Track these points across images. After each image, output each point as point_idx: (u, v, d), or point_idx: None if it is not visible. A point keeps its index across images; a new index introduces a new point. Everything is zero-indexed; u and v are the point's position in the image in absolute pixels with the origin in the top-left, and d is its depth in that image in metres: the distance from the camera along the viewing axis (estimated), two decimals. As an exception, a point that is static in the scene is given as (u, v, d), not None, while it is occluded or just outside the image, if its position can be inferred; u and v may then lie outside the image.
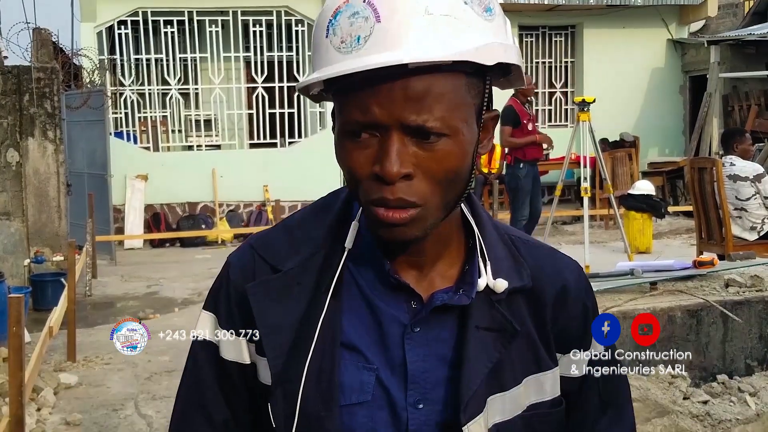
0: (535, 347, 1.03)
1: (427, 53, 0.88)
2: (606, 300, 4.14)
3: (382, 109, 0.89)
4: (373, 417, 0.98)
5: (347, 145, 0.93)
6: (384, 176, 0.90)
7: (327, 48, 0.91)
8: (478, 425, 0.97)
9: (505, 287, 1.00)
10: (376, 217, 0.93)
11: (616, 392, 1.12)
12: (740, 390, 4.07)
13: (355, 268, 1.01)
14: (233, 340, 1.03)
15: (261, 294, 1.00)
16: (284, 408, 0.98)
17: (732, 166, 6.46)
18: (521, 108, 7.92)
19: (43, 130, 7.64)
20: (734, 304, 4.26)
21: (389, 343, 0.99)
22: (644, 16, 13.84)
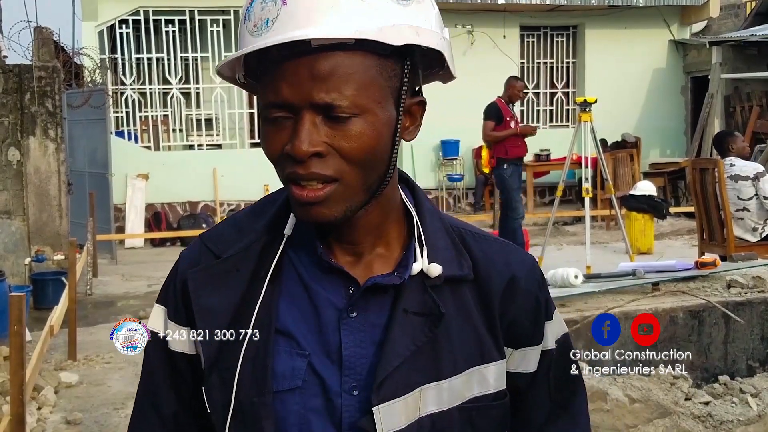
0: (480, 339, 1.02)
1: (329, 31, 0.90)
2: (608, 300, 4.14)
3: (291, 89, 0.91)
4: (305, 404, 0.98)
5: (266, 129, 0.95)
6: (294, 155, 0.92)
7: (243, 34, 0.95)
8: (393, 408, 0.96)
9: (439, 272, 1.00)
10: (293, 197, 0.95)
11: (568, 395, 1.10)
12: (742, 391, 4.07)
13: (296, 255, 1.01)
14: (179, 331, 1.03)
15: (199, 280, 1.01)
16: (220, 394, 0.98)
17: (732, 166, 6.45)
18: (505, 106, 7.93)
19: (44, 128, 7.63)
20: (736, 305, 4.26)
21: (325, 329, 0.99)
22: (646, 16, 13.83)
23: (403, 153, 13.43)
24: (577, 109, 8.28)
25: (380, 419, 0.95)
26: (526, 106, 13.98)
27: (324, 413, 0.97)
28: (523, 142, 7.99)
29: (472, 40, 13.31)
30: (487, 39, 13.26)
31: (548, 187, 13.27)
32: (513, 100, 8.05)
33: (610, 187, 8.07)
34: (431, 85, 1.02)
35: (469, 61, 13.10)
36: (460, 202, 13.53)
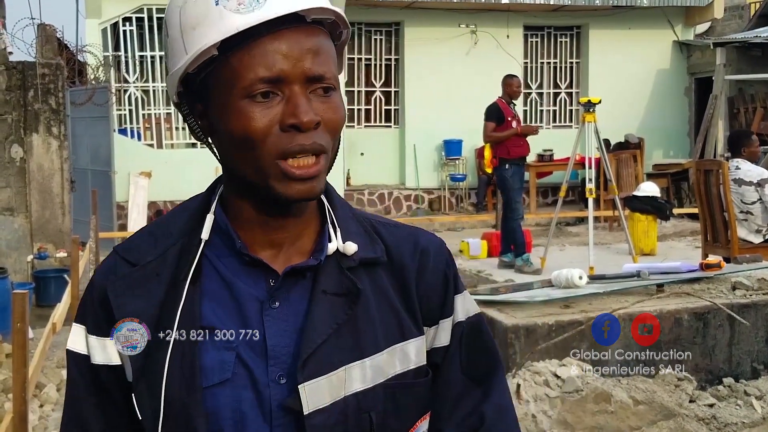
0: (398, 317, 1.05)
1: (327, 3, 0.97)
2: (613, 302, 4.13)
3: (287, 63, 0.94)
4: (236, 396, 0.99)
5: (246, 107, 0.95)
6: (301, 125, 0.94)
7: (220, 13, 0.94)
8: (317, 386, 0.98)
9: (354, 250, 1.04)
10: (288, 174, 0.96)
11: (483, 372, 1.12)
12: (746, 393, 4.06)
13: (214, 256, 1.03)
14: (101, 343, 1.04)
15: (120, 289, 1.02)
16: (150, 399, 0.99)
17: (737, 170, 6.44)
18: (506, 106, 7.92)
19: (47, 126, 7.63)
20: (741, 307, 4.24)
21: (249, 321, 1.00)
22: (650, 17, 13.82)
23: (406, 152, 13.42)
24: (580, 109, 8.27)
25: (306, 397, 0.97)
26: (529, 106, 13.96)
27: (255, 404, 0.99)
28: (525, 141, 7.98)
29: (476, 40, 13.30)
30: (491, 39, 13.24)
31: (551, 188, 13.26)
32: (513, 97, 8.04)
33: (614, 187, 8.06)
34: (434, 86, 1.01)
35: (473, 61, 13.09)
36: (462, 202, 13.52)
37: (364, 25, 13.49)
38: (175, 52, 0.99)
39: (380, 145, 13.55)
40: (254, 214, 1.03)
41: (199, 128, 1.03)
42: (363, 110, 13.72)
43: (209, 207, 1.06)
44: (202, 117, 1.02)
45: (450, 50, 13.05)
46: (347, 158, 12.68)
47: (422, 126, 13.20)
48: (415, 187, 13.33)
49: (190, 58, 0.96)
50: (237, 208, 1.04)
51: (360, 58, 13.60)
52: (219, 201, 1.06)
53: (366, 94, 13.72)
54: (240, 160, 0.99)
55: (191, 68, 0.97)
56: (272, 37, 0.94)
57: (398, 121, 13.75)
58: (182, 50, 0.98)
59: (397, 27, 13.63)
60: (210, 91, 0.99)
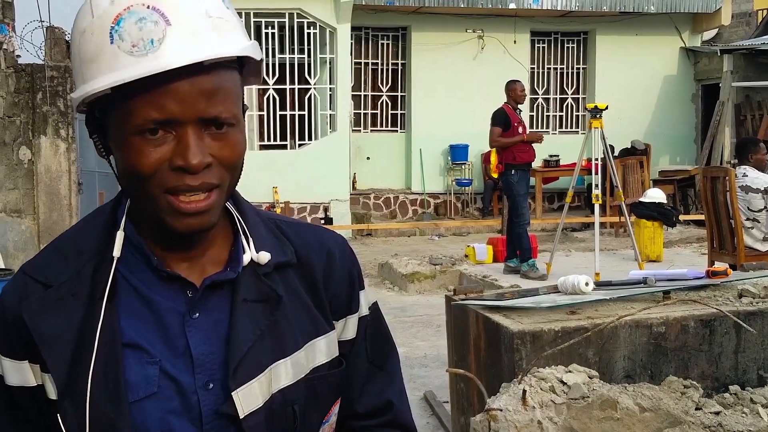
0: (311, 315, 1.10)
1: (224, 50, 0.96)
2: (619, 308, 4.12)
3: (180, 105, 0.95)
4: (164, 408, 1.01)
5: (137, 143, 0.96)
6: (189, 167, 0.95)
7: (115, 53, 0.94)
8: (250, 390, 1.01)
9: (268, 259, 1.07)
10: (175, 209, 0.97)
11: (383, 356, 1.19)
12: (753, 401, 4.04)
13: (129, 273, 1.04)
14: (16, 366, 1.03)
15: (36, 311, 1.02)
16: (75, 417, 0.99)
17: (744, 177, 6.43)
18: (512, 112, 7.94)
19: (55, 128, 7.67)
20: (747, 314, 4.23)
21: (170, 334, 1.02)
22: (657, 23, 13.81)
23: (413, 156, 13.44)
24: (587, 115, 8.27)
25: (240, 402, 1.01)
26: (535, 112, 13.97)
27: (183, 413, 1.01)
28: (531, 147, 7.99)
29: (483, 45, 13.32)
30: (498, 44, 13.26)
31: (557, 193, 13.26)
32: (518, 102, 8.06)
33: (620, 194, 8.05)
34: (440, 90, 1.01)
35: (479, 66, 13.11)
36: (468, 207, 13.52)
37: (371, 29, 13.52)
38: (76, 75, 1.01)
39: (386, 150, 13.56)
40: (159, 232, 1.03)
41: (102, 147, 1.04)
42: (369, 114, 13.74)
43: (116, 223, 1.06)
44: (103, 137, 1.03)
45: (457, 55, 13.07)
46: (353, 162, 12.70)
47: (428, 130, 13.21)
48: (421, 192, 13.33)
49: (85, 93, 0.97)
50: (144, 225, 1.05)
51: (367, 62, 13.62)
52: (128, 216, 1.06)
53: (372, 98, 13.74)
54: (132, 189, 1.01)
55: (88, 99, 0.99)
56: (166, 79, 0.94)
57: (404, 126, 13.76)
58: (80, 78, 0.99)
59: (404, 32, 13.65)
60: (108, 121, 1.00)
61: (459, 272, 8.49)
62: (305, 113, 12.37)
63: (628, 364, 3.98)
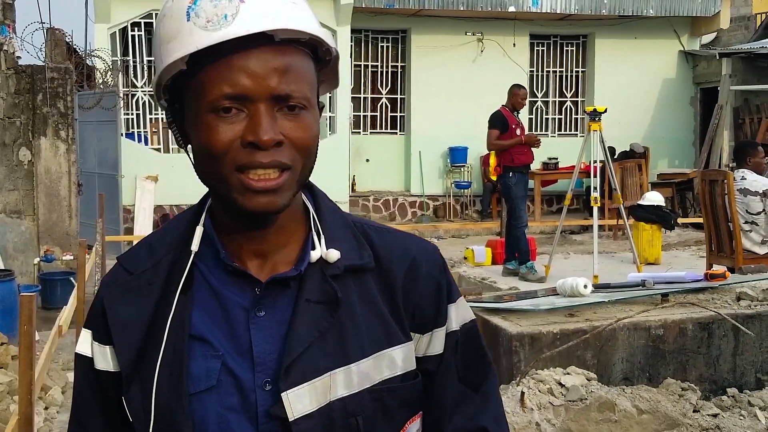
0: (385, 323, 1.06)
1: (293, 24, 0.97)
2: (617, 311, 4.13)
3: (252, 80, 0.96)
4: (222, 403, 1.01)
5: (211, 121, 0.97)
6: (259, 143, 0.96)
7: (190, 30, 0.97)
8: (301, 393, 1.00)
9: (337, 257, 1.05)
10: (248, 186, 0.98)
11: (478, 378, 1.13)
12: (750, 404, 4.05)
13: (205, 267, 1.06)
14: (102, 350, 1.08)
15: (115, 296, 1.07)
16: (141, 403, 1.02)
17: (743, 180, 6.44)
18: (509, 114, 7.94)
19: (55, 129, 7.67)
20: (745, 317, 4.24)
21: (236, 330, 1.03)
22: (656, 27, 13.83)
23: (412, 158, 13.45)
24: (586, 118, 8.28)
25: (289, 404, 0.99)
26: (534, 115, 13.98)
27: (241, 410, 1.01)
28: (529, 149, 8.00)
29: (482, 48, 13.33)
30: (497, 47, 13.27)
31: (556, 196, 13.27)
32: (517, 107, 8.06)
33: (618, 196, 8.06)
34: (439, 93, 1.02)
35: (479, 69, 13.12)
36: (467, 209, 13.53)
37: (371, 32, 13.53)
38: (157, 60, 1.03)
39: (386, 152, 13.57)
40: (236, 224, 1.05)
41: (180, 136, 1.06)
42: (369, 117, 13.75)
43: (200, 219, 1.09)
44: (180, 122, 1.05)
45: (456, 58, 13.08)
46: (353, 164, 12.71)
47: (428, 133, 13.22)
48: (420, 194, 13.34)
49: (161, 69, 1.01)
50: (221, 219, 1.07)
51: (366, 65, 13.63)
52: (208, 212, 1.08)
53: (372, 100, 13.75)
54: (207, 169, 1.02)
55: (165, 80, 1.01)
56: (239, 54, 0.96)
57: (404, 128, 13.77)
58: (161, 60, 1.01)
59: (403, 34, 13.67)
60: (183, 102, 1.02)
61: (458, 274, 8.51)
62: (305, 115, 12.37)
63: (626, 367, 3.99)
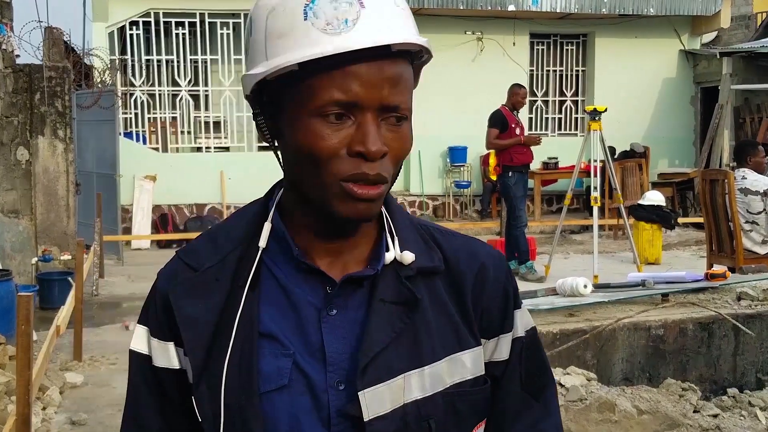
0: (456, 327, 1.06)
1: (410, 37, 0.96)
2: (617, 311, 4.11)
3: (364, 89, 0.94)
4: (293, 402, 1.00)
5: (317, 126, 0.95)
6: (368, 155, 0.94)
7: (307, 30, 0.94)
8: (377, 393, 0.98)
9: (411, 259, 1.04)
10: (350, 194, 0.96)
11: (540, 385, 1.13)
12: (751, 404, 4.04)
13: (273, 263, 1.04)
14: (162, 347, 1.06)
15: (181, 292, 1.04)
16: (209, 401, 1.00)
17: (743, 179, 6.43)
18: (509, 113, 7.93)
19: (53, 128, 7.65)
20: (746, 317, 4.23)
21: (306, 328, 1.01)
22: (656, 26, 13.82)
23: (411, 158, 13.43)
24: (586, 117, 8.27)
25: (366, 403, 0.98)
26: (534, 114, 13.97)
27: (312, 410, 1.00)
28: (528, 149, 7.98)
29: (482, 47, 13.31)
30: (497, 46, 13.25)
31: (556, 196, 13.25)
32: (516, 107, 8.05)
33: (619, 196, 8.04)
34: (439, 92, 1.02)
35: (479, 68, 13.10)
36: (467, 209, 13.51)
37: (371, 31, 13.51)
38: (256, 54, 0.99)
39: (385, 151, 13.55)
40: (312, 222, 1.03)
41: (267, 130, 1.03)
42: (368, 116, 13.74)
43: (267, 214, 1.07)
44: (270, 120, 1.02)
45: (456, 57, 13.06)
46: (352, 164, 12.69)
47: (427, 132, 13.19)
48: (420, 194, 13.33)
49: (271, 68, 0.96)
50: (295, 215, 1.05)
51: (366, 64, 13.61)
52: (277, 208, 1.07)
53: (371, 100, 13.73)
54: (302, 173, 0.99)
55: (270, 76, 0.97)
56: (353, 61, 0.93)
57: (403, 128, 13.75)
58: (263, 54, 0.98)
59: (403, 33, 13.64)
60: (283, 100, 0.99)
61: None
62: (304, 115, 12.37)
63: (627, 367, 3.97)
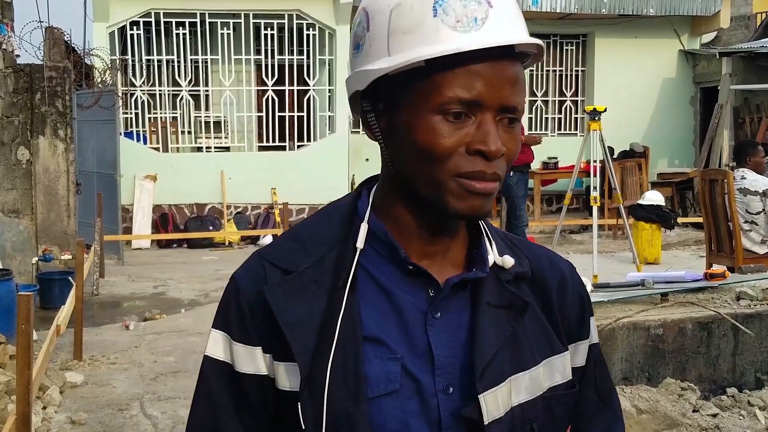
0: (546, 331, 1.07)
1: (530, 38, 0.97)
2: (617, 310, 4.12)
3: (488, 88, 0.94)
4: (402, 407, 0.98)
5: (437, 123, 0.95)
6: (489, 154, 0.94)
7: (437, 27, 0.94)
8: (494, 396, 0.98)
9: (512, 263, 1.05)
10: (467, 189, 0.96)
11: (608, 390, 1.16)
12: (750, 404, 4.04)
13: (370, 264, 1.02)
14: (249, 352, 1.02)
15: (279, 294, 1.00)
16: (312, 410, 0.96)
17: (743, 179, 6.43)
18: None
19: (53, 128, 7.66)
20: (745, 317, 4.23)
21: (412, 332, 1.00)
22: (656, 26, 13.82)
23: (411, 159, 13.44)
24: (586, 117, 8.27)
25: (485, 406, 0.97)
26: (534, 114, 13.97)
27: (420, 414, 0.98)
28: (529, 149, 8.00)
29: (482, 47, 13.31)
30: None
31: (556, 196, 13.25)
32: None
33: (618, 196, 8.05)
34: None
35: (479, 68, 13.11)
36: (466, 209, 13.52)
37: (371, 31, 13.51)
38: (374, 49, 0.98)
39: (385, 151, 13.55)
40: (414, 223, 1.02)
41: (377, 126, 1.01)
42: (368, 116, 13.74)
43: (358, 213, 1.05)
44: (382, 116, 1.00)
45: (456, 57, 13.07)
46: (352, 164, 12.70)
47: (427, 132, 13.21)
48: (420, 194, 13.34)
49: (398, 63, 0.95)
50: (395, 216, 1.03)
51: (366, 64, 13.61)
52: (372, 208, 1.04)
53: (371, 100, 13.73)
54: (415, 170, 0.98)
55: (391, 71, 0.95)
56: (479, 59, 0.93)
57: (403, 128, 13.76)
58: (384, 50, 0.96)
59: (403, 33, 13.64)
60: (400, 97, 0.98)
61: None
62: (304, 114, 12.37)
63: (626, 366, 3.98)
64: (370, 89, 0.99)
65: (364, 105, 1.01)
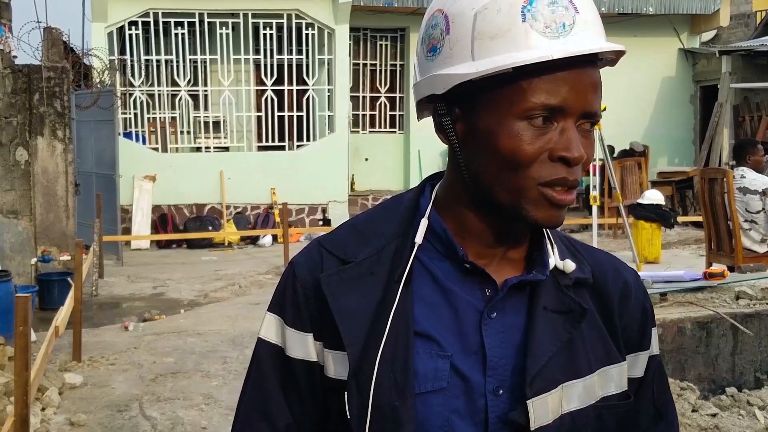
0: (604, 340, 1.05)
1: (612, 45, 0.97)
2: (615, 310, 4.12)
3: (573, 95, 0.94)
4: (448, 405, 0.97)
5: (521, 129, 0.94)
6: (572, 161, 0.94)
7: (526, 32, 0.93)
8: (543, 402, 0.97)
9: (573, 268, 1.03)
10: (549, 199, 0.95)
11: (665, 401, 1.13)
12: (749, 403, 4.04)
13: (427, 260, 1.02)
14: (300, 338, 1.02)
15: (335, 283, 1.00)
16: (357, 400, 0.97)
17: (742, 178, 6.42)
18: None
19: (52, 129, 7.65)
20: (744, 316, 4.22)
21: (465, 330, 0.99)
22: (656, 25, 13.81)
23: (411, 158, 13.42)
24: (585, 116, 8.27)
25: (533, 412, 0.96)
26: (534, 113, 13.98)
27: (466, 414, 0.98)
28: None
29: (481, 47, 13.31)
30: (496, 45, 13.25)
31: (555, 195, 13.26)
32: None
33: (618, 195, 8.05)
34: None
35: (478, 67, 13.11)
36: (466, 208, 13.53)
37: (370, 30, 13.51)
38: (455, 53, 0.96)
39: (385, 151, 13.55)
40: (478, 225, 1.01)
41: (452, 130, 1.00)
42: (368, 116, 13.73)
43: (419, 209, 1.04)
44: (458, 120, 0.99)
45: (455, 56, 13.07)
46: (352, 163, 12.71)
47: (427, 132, 13.13)
48: (419, 193, 13.33)
49: (486, 68, 0.93)
50: (459, 216, 1.02)
51: (365, 63, 13.61)
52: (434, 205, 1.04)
53: (371, 99, 13.73)
54: (494, 176, 0.97)
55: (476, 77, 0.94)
56: (564, 66, 0.93)
57: (403, 127, 13.75)
58: (467, 55, 0.95)
59: (402, 33, 13.64)
60: (481, 102, 0.96)
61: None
62: (303, 114, 12.36)
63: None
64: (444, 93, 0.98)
65: (440, 109, 1.00)
